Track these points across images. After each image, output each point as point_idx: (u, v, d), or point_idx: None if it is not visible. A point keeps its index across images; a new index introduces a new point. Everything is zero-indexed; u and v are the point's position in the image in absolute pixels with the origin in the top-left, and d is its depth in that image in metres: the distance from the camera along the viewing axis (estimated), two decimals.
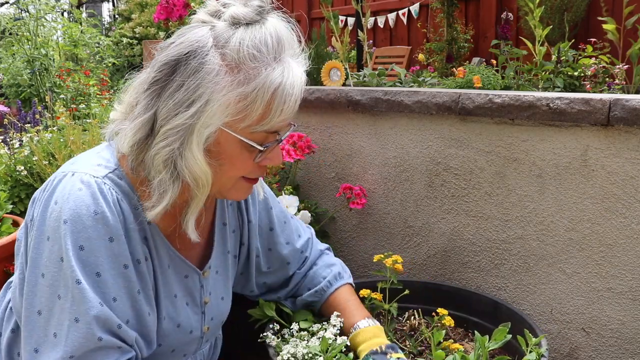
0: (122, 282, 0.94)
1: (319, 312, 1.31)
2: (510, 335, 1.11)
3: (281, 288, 1.33)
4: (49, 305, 0.89)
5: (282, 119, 0.93)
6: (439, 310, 1.32)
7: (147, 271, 0.99)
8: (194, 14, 0.95)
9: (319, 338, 1.16)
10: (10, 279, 1.13)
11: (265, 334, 1.20)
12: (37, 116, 2.97)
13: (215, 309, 1.16)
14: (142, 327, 0.98)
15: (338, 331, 1.20)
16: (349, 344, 1.17)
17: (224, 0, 0.93)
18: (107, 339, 0.90)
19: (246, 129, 0.92)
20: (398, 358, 1.12)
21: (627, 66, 2.25)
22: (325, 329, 1.20)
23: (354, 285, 1.35)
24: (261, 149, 0.95)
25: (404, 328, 1.41)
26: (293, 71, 0.92)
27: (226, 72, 0.89)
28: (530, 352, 1.11)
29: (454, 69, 3.24)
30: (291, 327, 1.22)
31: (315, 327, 1.23)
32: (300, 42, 0.96)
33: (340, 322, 1.21)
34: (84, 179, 0.93)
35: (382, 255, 1.37)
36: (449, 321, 1.29)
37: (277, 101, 0.90)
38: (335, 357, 1.11)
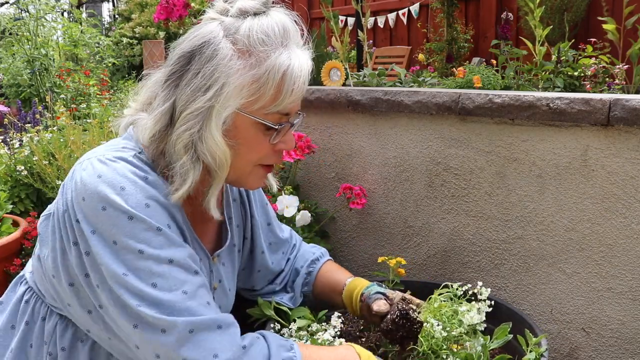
0: (182, 236, 1.00)
1: (313, 285, 1.35)
2: (511, 335, 1.11)
3: (278, 276, 1.38)
4: (134, 264, 0.91)
5: (293, 99, 0.99)
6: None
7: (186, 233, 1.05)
8: (194, 14, 0.99)
9: (317, 339, 1.16)
10: (21, 274, 1.14)
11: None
12: (37, 116, 2.97)
13: (223, 298, 1.19)
14: None
15: (338, 332, 1.20)
16: (340, 327, 1.19)
17: None
18: (201, 275, 0.96)
19: (260, 110, 0.98)
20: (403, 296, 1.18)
21: (627, 66, 2.25)
22: (325, 330, 1.20)
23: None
24: (276, 127, 1.00)
25: None
26: (299, 56, 0.99)
27: (239, 56, 0.95)
28: (530, 351, 1.11)
29: (454, 69, 3.24)
30: (290, 327, 1.23)
31: (315, 326, 1.23)
32: (302, 33, 1.03)
33: (340, 323, 1.22)
34: (116, 155, 0.97)
35: (386, 257, 1.39)
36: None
37: (287, 82, 0.97)
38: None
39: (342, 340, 1.17)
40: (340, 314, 1.24)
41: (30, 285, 1.10)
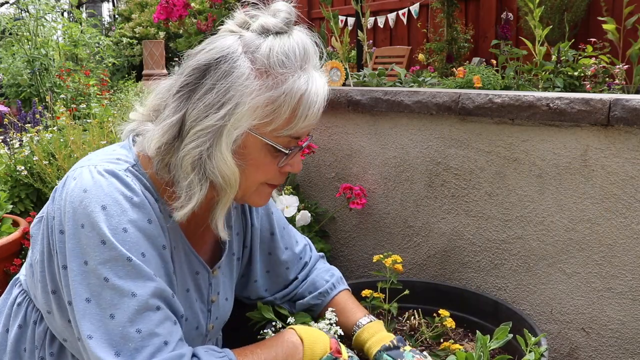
0: (161, 262, 0.96)
1: (319, 315, 1.31)
2: (511, 335, 1.11)
3: (279, 292, 1.34)
4: (97, 290, 0.89)
5: (306, 124, 0.96)
6: (441, 311, 1.32)
7: (170, 259, 1.01)
8: (194, 14, 0.97)
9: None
10: (17, 276, 1.14)
11: (265, 330, 1.20)
12: (37, 116, 2.97)
13: (220, 308, 1.18)
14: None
15: (334, 323, 1.20)
16: (341, 333, 1.18)
17: (251, 13, 0.97)
18: (164, 309, 0.92)
19: (272, 133, 0.95)
20: (411, 350, 1.14)
21: (627, 66, 2.25)
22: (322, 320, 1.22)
23: (351, 290, 1.36)
24: (286, 152, 0.98)
25: (404, 328, 1.41)
26: (317, 81, 0.96)
27: (256, 76, 0.92)
28: (530, 351, 1.11)
29: (454, 69, 3.24)
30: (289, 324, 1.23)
31: (314, 324, 1.24)
32: (322, 55, 1.00)
33: (334, 315, 1.22)
34: (107, 168, 0.95)
35: (382, 256, 1.38)
36: (450, 322, 1.29)
37: (302, 107, 0.94)
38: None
39: (338, 328, 1.17)
40: (333, 309, 1.24)
41: (24, 288, 1.09)
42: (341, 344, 1.07)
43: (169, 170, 0.97)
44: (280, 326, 1.24)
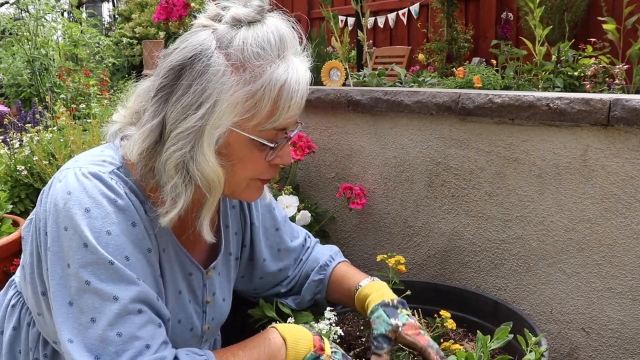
0: (147, 265, 0.94)
1: (326, 292, 1.31)
2: (512, 336, 1.12)
3: (285, 279, 1.34)
4: (78, 294, 0.87)
5: (290, 115, 0.94)
6: (442, 312, 1.32)
7: (156, 262, 1.00)
8: (194, 14, 0.95)
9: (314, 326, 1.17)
10: (12, 278, 1.13)
11: None
12: (37, 116, 2.97)
13: (216, 309, 1.17)
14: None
15: (334, 323, 1.21)
16: (341, 333, 1.19)
17: (223, 4, 0.94)
18: (147, 312, 0.90)
19: (255, 128, 0.92)
20: (408, 315, 1.13)
21: (627, 66, 2.25)
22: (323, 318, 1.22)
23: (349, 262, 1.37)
24: (272, 145, 0.95)
25: None
26: (297, 68, 0.93)
27: (232, 72, 0.89)
28: (530, 351, 1.11)
29: (454, 69, 3.24)
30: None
31: (314, 325, 1.24)
32: (301, 40, 0.97)
33: (334, 315, 1.22)
34: (92, 171, 0.93)
35: (385, 256, 1.38)
36: (451, 324, 1.29)
37: (284, 97, 0.91)
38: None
39: (338, 328, 1.17)
40: (332, 309, 1.24)
41: (18, 290, 1.08)
42: (325, 340, 1.05)
43: (153, 174, 0.95)
44: None
